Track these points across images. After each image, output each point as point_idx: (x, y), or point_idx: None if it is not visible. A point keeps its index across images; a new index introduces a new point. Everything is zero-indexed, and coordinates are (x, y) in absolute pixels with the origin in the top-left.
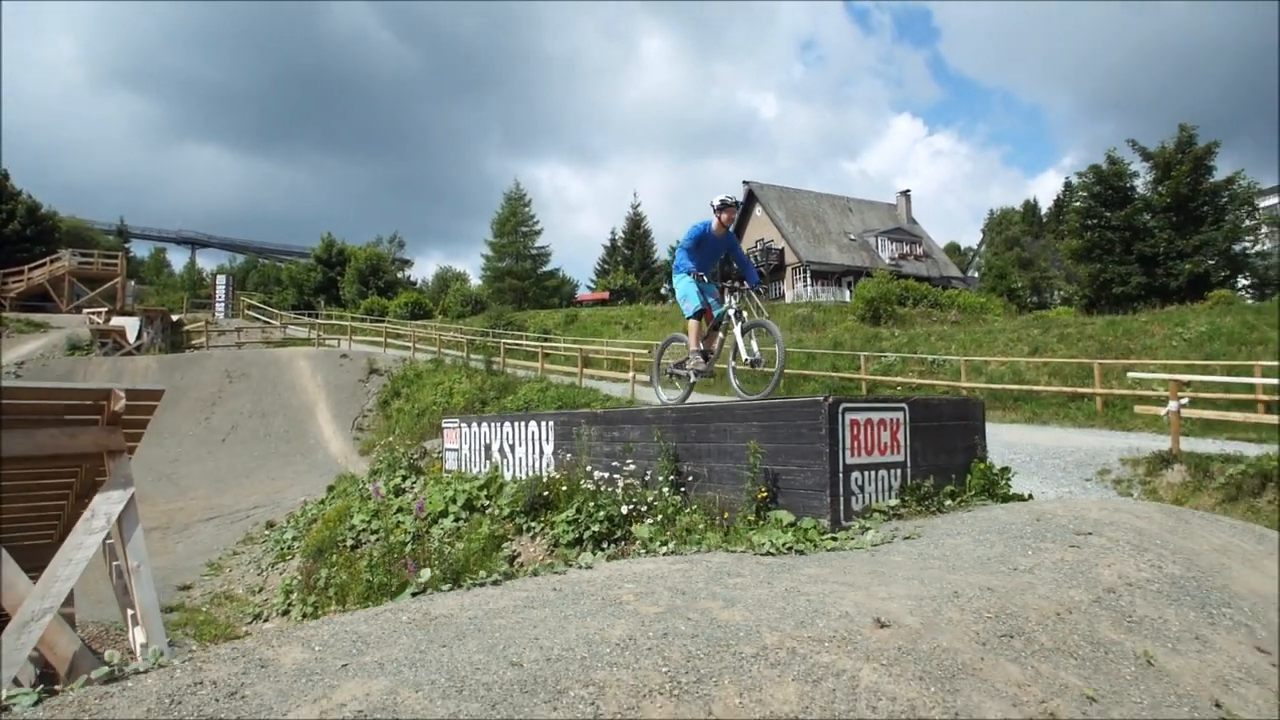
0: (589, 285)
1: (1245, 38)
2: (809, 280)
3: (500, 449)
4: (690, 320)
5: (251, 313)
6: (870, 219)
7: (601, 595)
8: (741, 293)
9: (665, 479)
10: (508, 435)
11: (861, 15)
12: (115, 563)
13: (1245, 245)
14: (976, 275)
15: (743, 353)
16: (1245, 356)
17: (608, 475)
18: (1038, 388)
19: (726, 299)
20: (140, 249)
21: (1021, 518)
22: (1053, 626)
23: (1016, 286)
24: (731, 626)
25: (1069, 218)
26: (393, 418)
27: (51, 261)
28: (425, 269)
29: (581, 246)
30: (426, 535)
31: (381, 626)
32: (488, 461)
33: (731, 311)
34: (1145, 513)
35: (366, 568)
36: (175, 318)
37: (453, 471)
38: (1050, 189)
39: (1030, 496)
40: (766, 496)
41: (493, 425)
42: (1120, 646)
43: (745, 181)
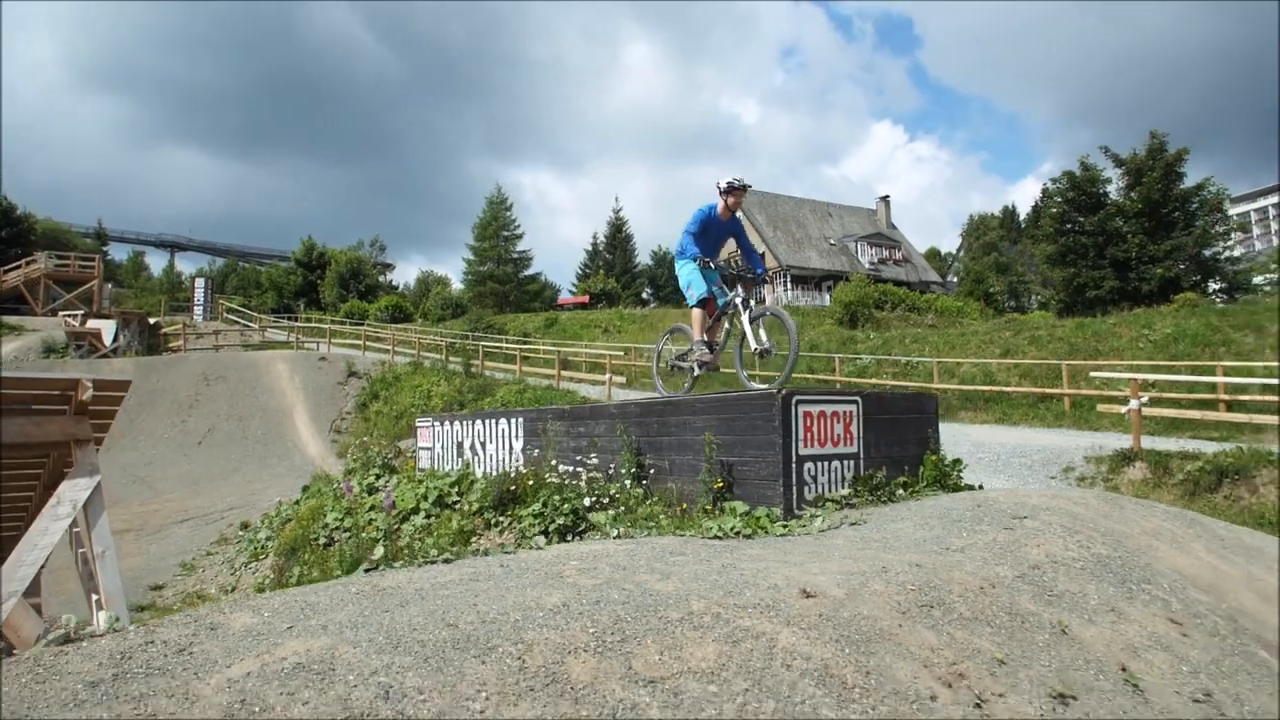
0: (570, 289)
1: (1220, 49)
2: (789, 285)
3: (472, 446)
4: (694, 309)
5: (230, 316)
6: (850, 224)
7: (545, 571)
8: (748, 280)
9: (628, 472)
10: (479, 433)
11: (843, 23)
12: (80, 550)
13: (1216, 250)
14: (955, 280)
15: (751, 342)
16: (1209, 357)
17: (573, 469)
18: (1008, 389)
19: (734, 286)
20: (119, 252)
21: (965, 504)
22: (974, 599)
23: (994, 291)
24: (663, 595)
25: (1044, 223)
26: (371, 420)
27: (27, 264)
28: (407, 273)
29: (564, 251)
30: (397, 532)
31: (330, 596)
32: (460, 459)
33: (739, 299)
34: (1083, 499)
35: (338, 564)
36: (153, 320)
37: (426, 470)
38: (1029, 195)
39: (981, 487)
40: (722, 487)
41: (465, 423)
42: (1037, 617)
43: None
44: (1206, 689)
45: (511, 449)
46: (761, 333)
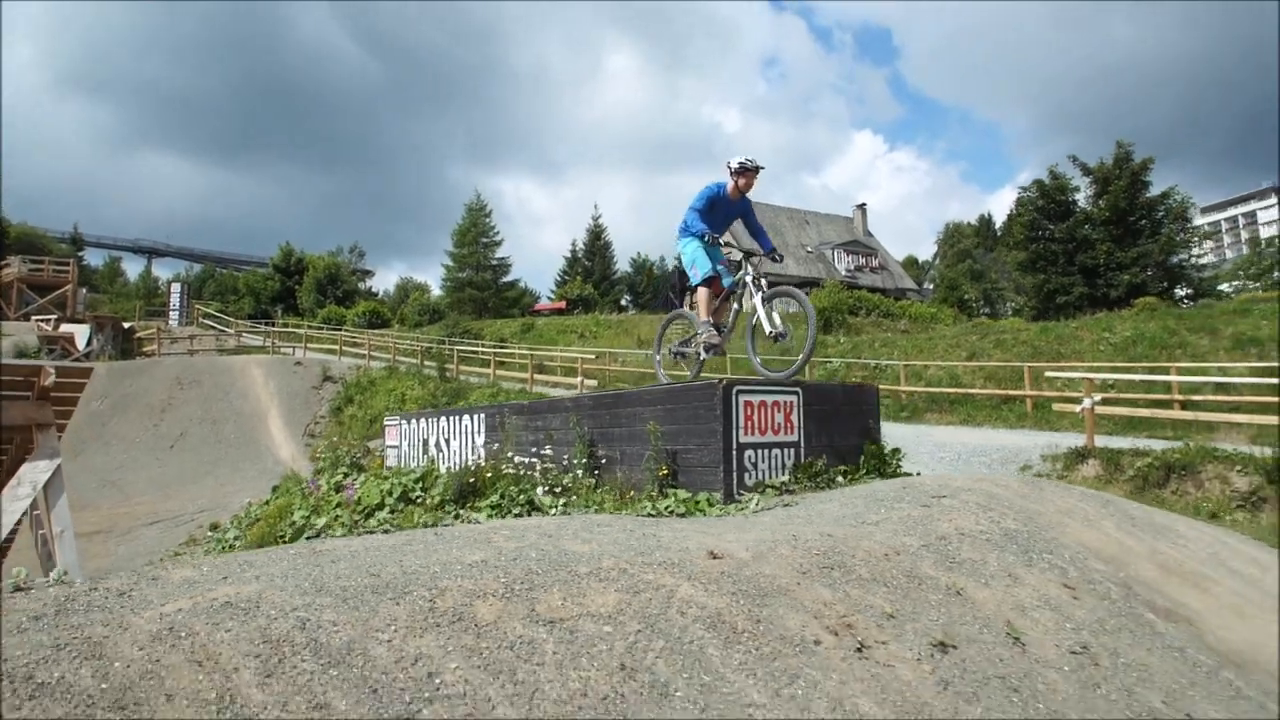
0: (549, 296)
1: (1191, 65)
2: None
3: (437, 443)
4: (699, 288)
5: (206, 321)
6: (827, 231)
7: (476, 537)
8: (758, 259)
9: (580, 462)
10: (444, 430)
11: (823, 34)
12: (41, 531)
13: (1182, 257)
14: (931, 287)
15: (765, 325)
16: (1166, 359)
17: (529, 461)
18: (973, 391)
19: (744, 265)
20: (95, 257)
21: (893, 487)
22: (876, 563)
23: (968, 297)
24: (578, 554)
25: (1014, 230)
26: (345, 424)
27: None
28: (387, 280)
29: (545, 259)
30: (362, 526)
31: (269, 556)
32: (425, 456)
33: (749, 278)
34: (1005, 482)
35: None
36: (127, 325)
37: (393, 468)
38: (1007, 204)
39: (919, 474)
40: (667, 474)
41: (430, 420)
42: (935, 580)
43: None
44: (1085, 643)
45: (474, 445)
46: (775, 315)
